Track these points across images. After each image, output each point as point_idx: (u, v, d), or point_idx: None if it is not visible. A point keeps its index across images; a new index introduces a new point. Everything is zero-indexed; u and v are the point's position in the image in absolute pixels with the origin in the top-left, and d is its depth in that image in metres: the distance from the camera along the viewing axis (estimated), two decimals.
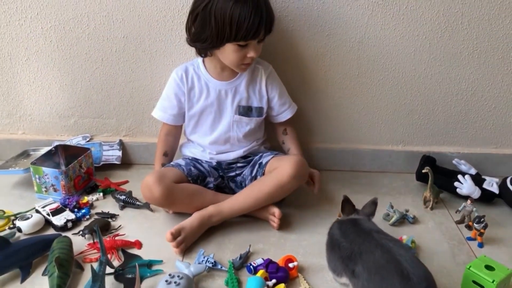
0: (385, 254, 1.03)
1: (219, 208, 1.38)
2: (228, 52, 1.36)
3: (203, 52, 1.43)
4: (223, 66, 1.45)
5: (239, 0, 1.27)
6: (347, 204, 1.21)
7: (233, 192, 1.52)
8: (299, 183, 1.42)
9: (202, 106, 1.49)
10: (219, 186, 1.52)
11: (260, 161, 1.50)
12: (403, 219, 1.47)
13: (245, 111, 1.50)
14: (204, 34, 1.34)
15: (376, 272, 1.01)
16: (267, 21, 1.32)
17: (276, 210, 1.39)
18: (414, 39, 1.57)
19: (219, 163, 1.54)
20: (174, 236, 1.28)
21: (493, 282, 1.09)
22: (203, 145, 1.54)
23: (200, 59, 1.49)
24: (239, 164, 1.54)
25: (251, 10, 1.27)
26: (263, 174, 1.46)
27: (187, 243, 1.31)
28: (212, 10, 1.29)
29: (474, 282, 1.12)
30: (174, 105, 1.50)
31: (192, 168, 1.48)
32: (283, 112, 1.56)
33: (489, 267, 1.13)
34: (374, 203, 1.23)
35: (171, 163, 1.50)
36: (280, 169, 1.39)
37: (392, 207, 1.48)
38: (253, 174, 1.49)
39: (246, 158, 1.55)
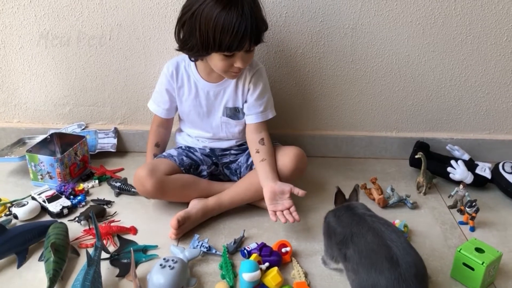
0: (376, 238, 1.03)
1: (220, 201, 1.40)
2: (216, 60, 1.33)
3: (192, 57, 1.40)
4: (212, 69, 1.40)
5: (224, 9, 1.21)
6: (339, 195, 1.22)
7: (228, 178, 1.53)
8: (299, 175, 1.43)
9: (190, 105, 1.47)
10: (213, 174, 1.52)
11: None
12: (402, 203, 1.49)
13: (233, 112, 1.47)
14: (191, 42, 1.31)
15: (366, 255, 1.03)
16: (252, 32, 1.25)
17: None
18: (408, 25, 1.57)
19: (212, 150, 1.54)
20: (180, 223, 1.29)
21: (482, 264, 1.10)
22: (194, 136, 1.54)
23: None
24: (233, 151, 1.54)
25: (235, 21, 1.21)
26: None
27: (185, 231, 1.32)
28: (198, 19, 1.25)
29: (465, 264, 1.14)
30: (166, 100, 1.48)
31: (184, 158, 1.48)
32: (254, 114, 1.44)
33: (479, 250, 1.14)
34: (355, 190, 1.23)
35: (163, 153, 1.49)
36: (280, 162, 1.40)
37: (392, 190, 1.50)
38: (249, 162, 1.49)
39: (241, 146, 1.55)
